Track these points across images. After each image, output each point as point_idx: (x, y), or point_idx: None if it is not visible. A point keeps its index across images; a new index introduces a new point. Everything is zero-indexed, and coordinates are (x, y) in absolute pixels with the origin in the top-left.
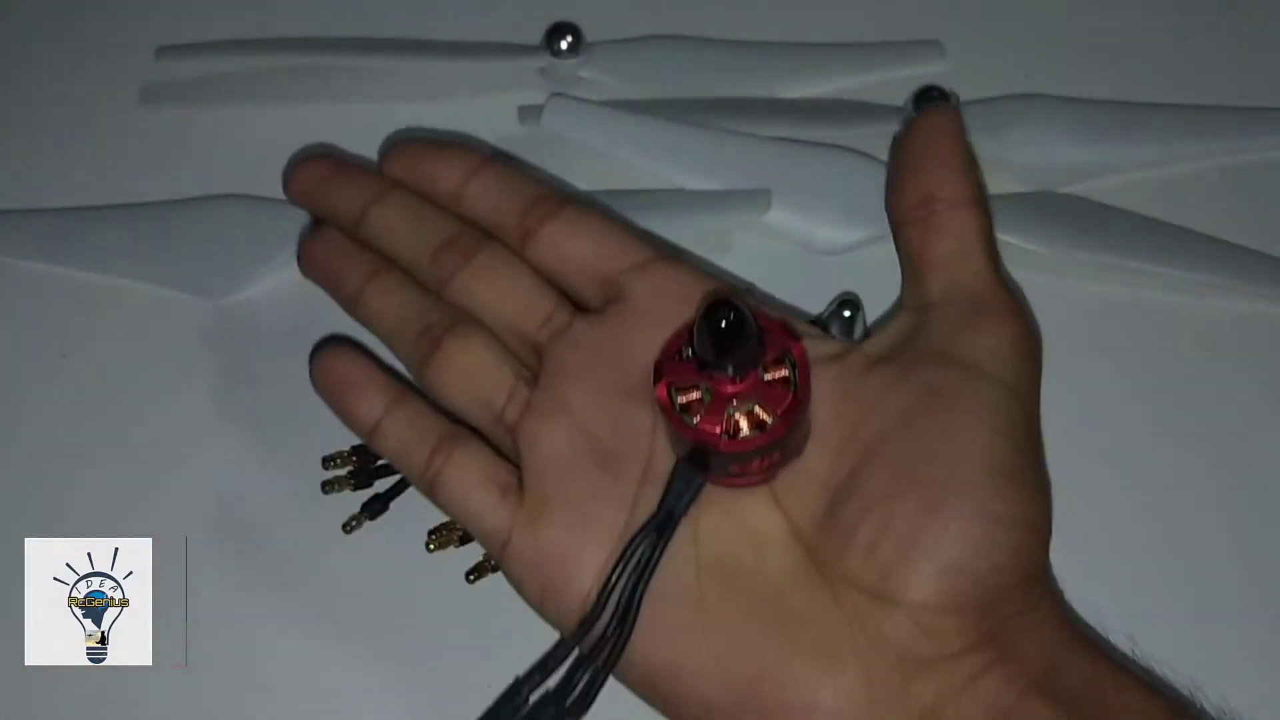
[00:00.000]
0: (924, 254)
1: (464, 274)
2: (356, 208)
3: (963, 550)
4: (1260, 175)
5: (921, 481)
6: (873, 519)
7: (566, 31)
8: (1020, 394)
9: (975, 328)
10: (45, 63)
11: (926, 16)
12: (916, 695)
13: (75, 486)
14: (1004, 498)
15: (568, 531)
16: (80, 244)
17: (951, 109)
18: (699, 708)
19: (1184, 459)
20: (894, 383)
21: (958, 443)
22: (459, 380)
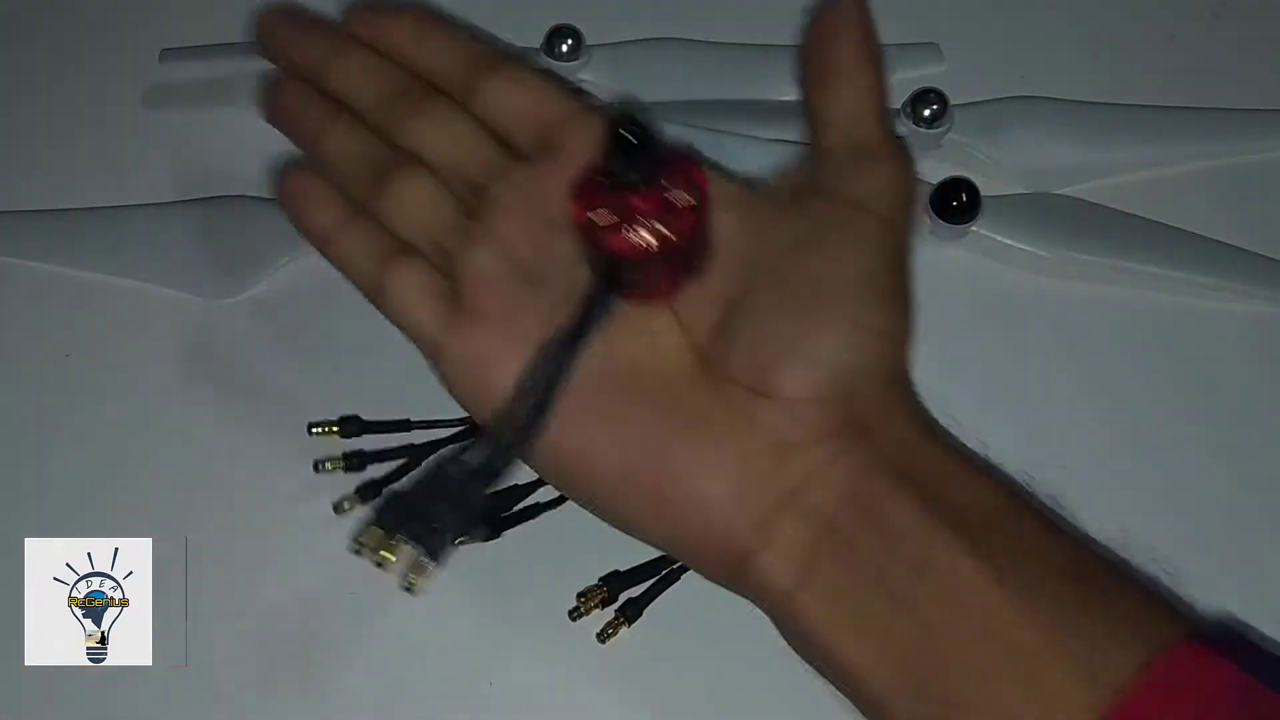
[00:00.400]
0: (824, 114)
1: (413, 121)
2: (319, 60)
3: (831, 350)
4: (1255, 177)
5: (801, 295)
6: (757, 325)
7: (567, 34)
8: (893, 225)
9: (862, 172)
10: (49, 64)
11: (924, 19)
12: (785, 475)
13: (75, 486)
14: (870, 308)
15: (494, 338)
16: (82, 244)
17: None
18: (601, 488)
19: (1183, 459)
20: (789, 216)
21: (835, 263)
22: (405, 211)
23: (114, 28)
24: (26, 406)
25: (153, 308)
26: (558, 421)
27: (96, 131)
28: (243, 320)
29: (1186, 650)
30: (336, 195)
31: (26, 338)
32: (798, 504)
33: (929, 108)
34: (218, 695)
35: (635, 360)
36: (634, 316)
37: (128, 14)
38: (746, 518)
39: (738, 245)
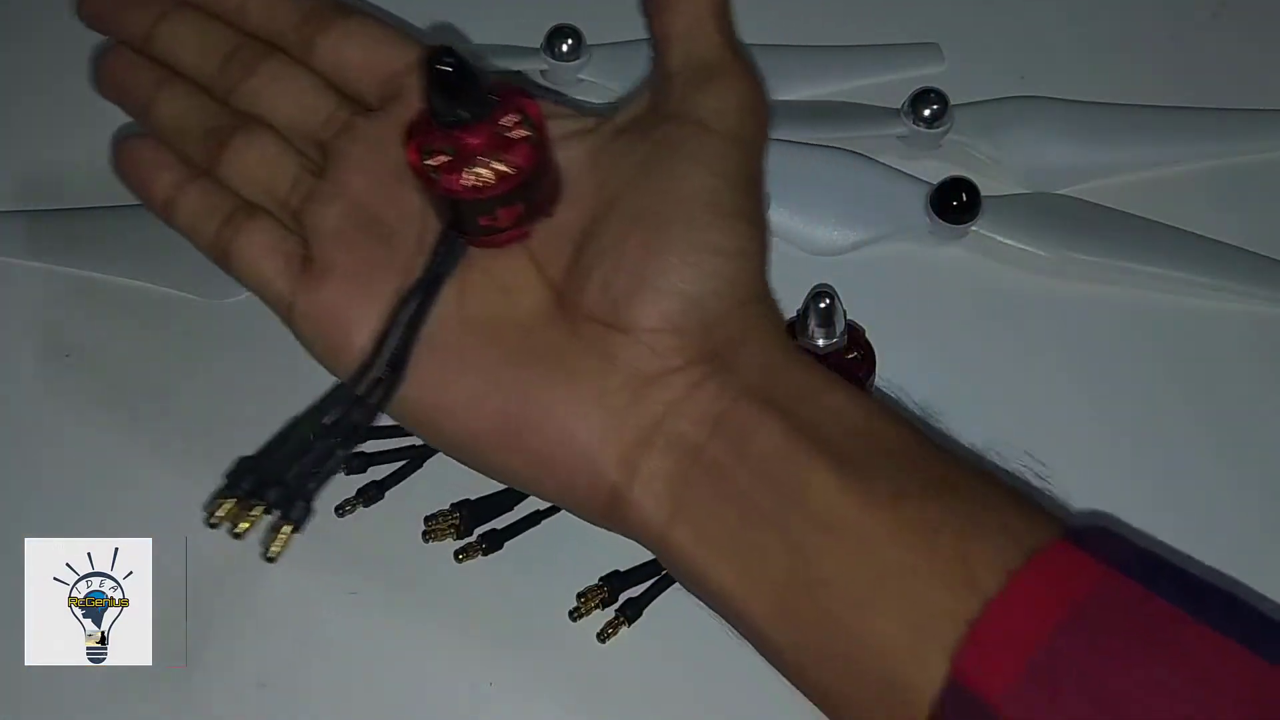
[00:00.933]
0: (663, 30)
1: (249, 81)
2: (145, 26)
3: (681, 278)
4: (1254, 177)
5: (648, 222)
6: (606, 259)
7: (567, 34)
8: (740, 143)
9: (704, 90)
10: (48, 63)
11: (924, 20)
12: (645, 408)
13: (75, 486)
14: (719, 230)
15: (347, 295)
16: (82, 244)
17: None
18: (457, 436)
19: (1183, 459)
20: (634, 143)
21: (680, 186)
22: (247, 173)
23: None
24: (26, 406)
25: (153, 308)
26: (416, 374)
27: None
28: (243, 320)
29: (1056, 552)
30: (174, 160)
31: (26, 338)
32: (660, 436)
33: (929, 108)
34: (218, 695)
35: (490, 306)
36: (487, 261)
37: None
38: (611, 455)
39: (586, 179)
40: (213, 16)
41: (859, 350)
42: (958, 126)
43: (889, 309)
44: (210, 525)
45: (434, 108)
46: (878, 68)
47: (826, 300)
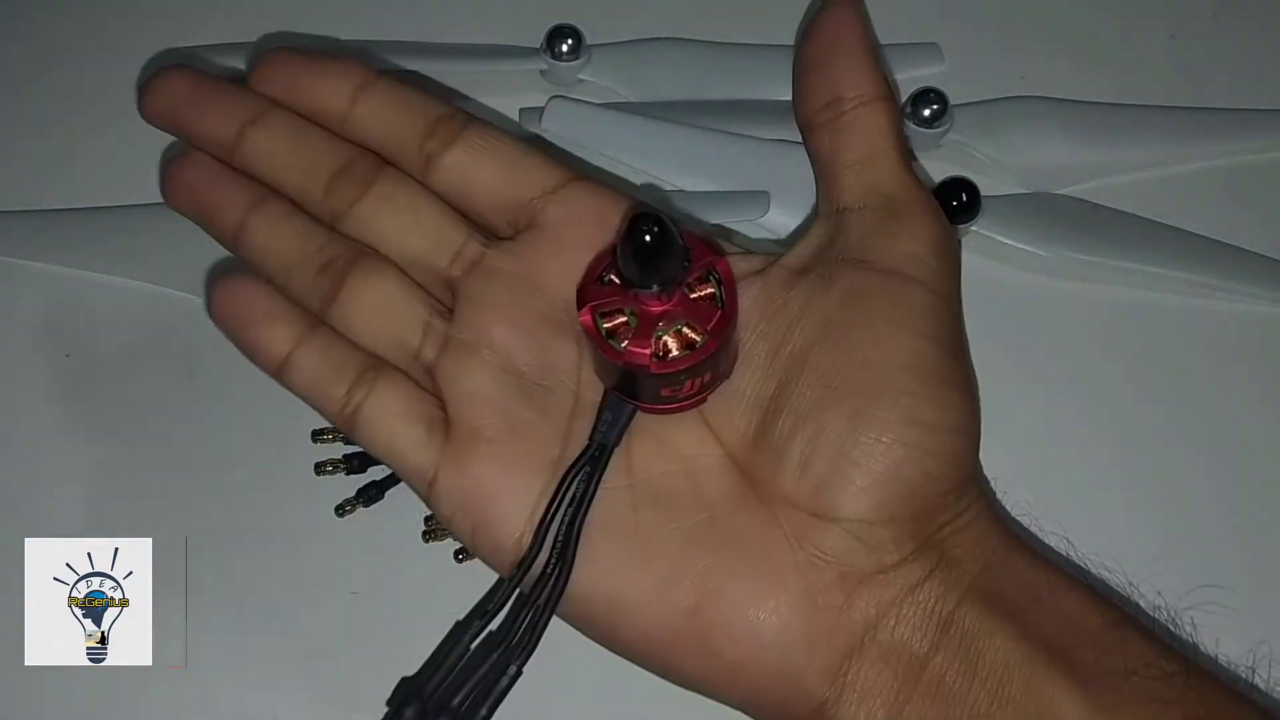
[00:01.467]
0: (835, 158)
1: (362, 205)
2: (230, 131)
3: (894, 460)
4: (1255, 177)
5: (849, 391)
6: (803, 434)
7: (567, 34)
8: (941, 295)
9: (891, 231)
10: (49, 64)
11: (924, 20)
12: (858, 609)
13: (75, 486)
14: (932, 403)
15: (497, 468)
16: (82, 244)
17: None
18: (638, 637)
19: (1182, 459)
20: (816, 292)
21: (882, 349)
22: (369, 319)
23: (114, 28)
24: (26, 406)
25: (152, 307)
26: (586, 563)
27: (96, 131)
28: None
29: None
30: (287, 308)
31: (26, 338)
32: (876, 644)
33: (929, 108)
34: (218, 695)
35: (666, 482)
36: (657, 428)
37: (128, 14)
38: (818, 665)
39: (763, 332)
40: (312, 120)
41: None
42: (958, 126)
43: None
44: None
45: (627, 277)
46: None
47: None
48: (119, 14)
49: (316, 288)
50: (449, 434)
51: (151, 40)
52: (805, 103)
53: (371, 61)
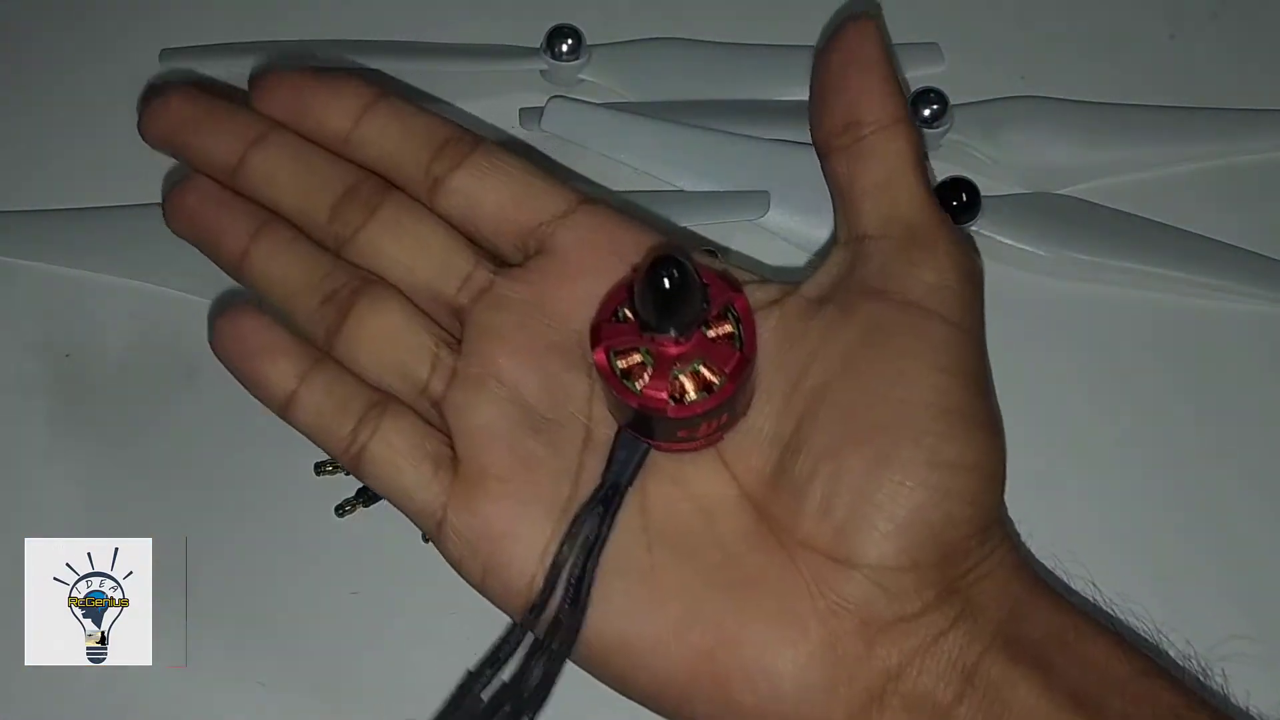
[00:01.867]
0: (854, 183)
1: (368, 230)
2: (232, 153)
3: (917, 504)
4: (1255, 177)
5: (870, 430)
6: (823, 475)
7: (567, 34)
8: (965, 329)
9: (913, 260)
10: (49, 63)
11: (924, 19)
12: (880, 658)
13: (75, 486)
14: (956, 442)
15: (507, 508)
16: (82, 244)
17: (870, 21)
18: (654, 683)
19: (1183, 459)
20: (835, 325)
21: (904, 386)
22: (375, 350)
23: (114, 28)
24: (26, 406)
25: (153, 308)
26: (599, 605)
27: (96, 131)
28: None
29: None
30: (291, 342)
31: (26, 338)
32: (899, 692)
33: (929, 108)
34: (218, 695)
35: (681, 520)
36: (671, 466)
37: (128, 14)
38: (839, 715)
39: (780, 365)
40: (314, 142)
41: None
42: (958, 126)
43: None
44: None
45: (644, 320)
46: None
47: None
48: (119, 14)
49: (321, 318)
50: (457, 471)
51: (151, 40)
52: (822, 125)
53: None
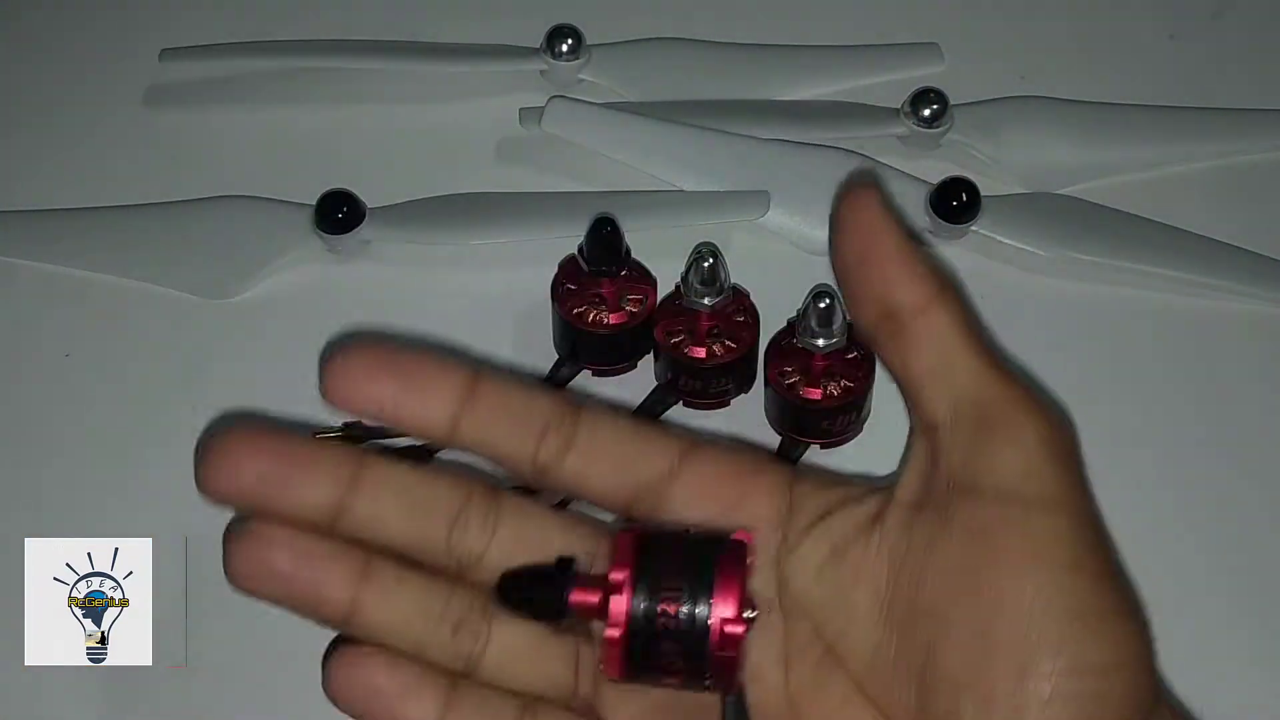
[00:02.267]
0: (908, 373)
1: (492, 552)
2: (324, 503)
3: (1075, 717)
4: (1255, 177)
5: (1004, 646)
6: (971, 704)
7: (567, 34)
8: (1070, 508)
9: (992, 444)
10: (50, 64)
11: (924, 19)
12: None
13: (75, 486)
14: (1098, 642)
15: None
16: (83, 245)
17: (869, 189)
18: None
19: (1183, 458)
20: (936, 534)
21: (1026, 593)
22: (521, 665)
23: (114, 28)
24: (26, 406)
25: (153, 307)
26: None
27: (96, 131)
28: (243, 320)
29: None
30: (421, 675)
31: (26, 338)
32: None
33: (929, 108)
34: (218, 695)
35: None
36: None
37: (128, 14)
38: None
39: (897, 591)
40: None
41: (859, 350)
42: (958, 126)
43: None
44: None
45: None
46: (878, 68)
47: (827, 300)
48: (119, 14)
49: (458, 648)
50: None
51: (151, 40)
52: (859, 317)
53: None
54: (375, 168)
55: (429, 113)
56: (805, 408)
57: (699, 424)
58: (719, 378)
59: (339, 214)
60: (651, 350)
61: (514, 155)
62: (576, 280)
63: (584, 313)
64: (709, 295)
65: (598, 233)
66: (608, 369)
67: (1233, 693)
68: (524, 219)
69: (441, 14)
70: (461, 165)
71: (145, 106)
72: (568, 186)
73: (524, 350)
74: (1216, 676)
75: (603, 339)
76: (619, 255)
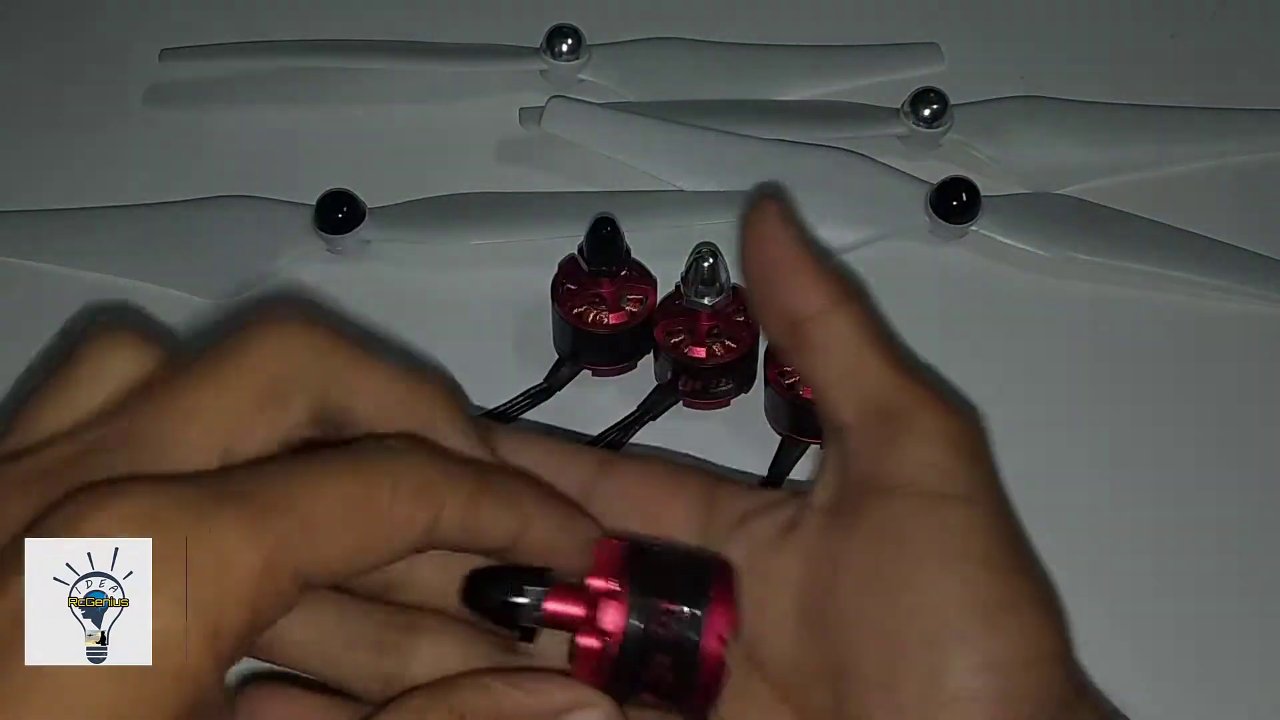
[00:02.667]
0: (816, 379)
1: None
2: None
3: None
4: (1256, 176)
5: (914, 647)
6: (882, 707)
7: (567, 34)
8: (977, 502)
9: (899, 442)
10: (50, 64)
11: (924, 19)
12: None
13: None
14: (1009, 635)
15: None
16: (83, 244)
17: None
18: None
19: (1182, 459)
20: (848, 536)
21: (935, 589)
22: None
23: (114, 28)
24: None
25: (153, 308)
26: None
27: (96, 131)
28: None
29: None
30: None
31: (26, 338)
32: None
33: (929, 108)
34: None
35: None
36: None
37: (128, 14)
38: None
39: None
40: None
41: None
42: (958, 126)
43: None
44: None
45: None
46: (878, 68)
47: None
48: (119, 14)
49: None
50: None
51: (151, 40)
52: (767, 328)
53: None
54: (375, 168)
55: (429, 113)
56: (805, 408)
57: (699, 424)
58: (719, 378)
59: (339, 214)
60: (651, 350)
61: (514, 155)
62: (576, 280)
63: (584, 313)
64: (709, 295)
65: (598, 233)
66: (608, 369)
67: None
68: (524, 219)
69: (441, 14)
70: (461, 165)
71: (145, 106)
72: (568, 186)
73: (524, 350)
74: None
75: (603, 339)
76: (619, 255)
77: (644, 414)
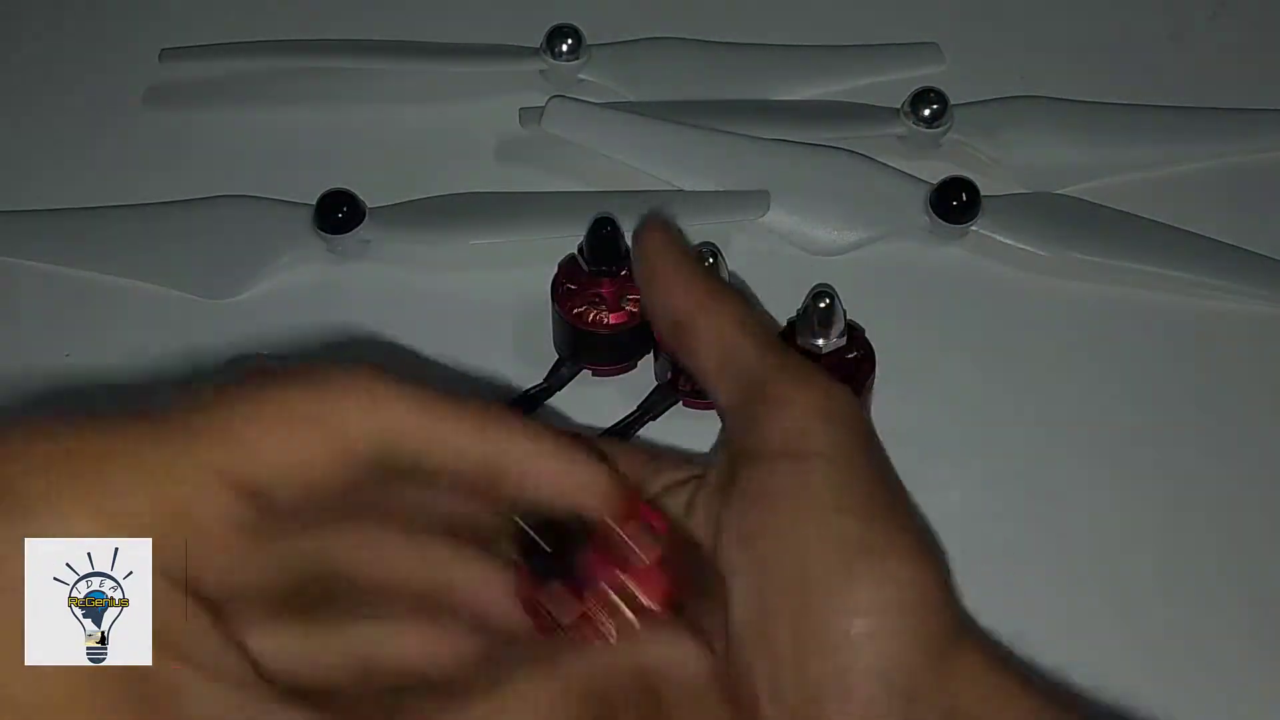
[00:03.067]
0: (700, 369)
1: None
2: None
3: (860, 661)
4: (1255, 176)
5: (778, 594)
6: (762, 664)
7: (567, 34)
8: (841, 459)
9: (770, 413)
10: (50, 64)
11: (924, 19)
12: None
13: None
14: (877, 582)
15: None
16: (83, 244)
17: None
18: None
19: (1182, 459)
20: (726, 503)
21: (793, 538)
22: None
23: (114, 28)
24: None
25: (153, 307)
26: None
27: (96, 131)
28: (243, 320)
29: None
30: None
31: (26, 338)
32: None
33: (929, 108)
34: None
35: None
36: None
37: (128, 14)
38: None
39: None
40: None
41: (859, 350)
42: (958, 126)
43: (889, 309)
44: None
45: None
46: (878, 67)
47: (826, 300)
48: (119, 14)
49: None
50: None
51: (151, 40)
52: (658, 330)
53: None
54: (375, 168)
55: (429, 113)
56: None
57: (699, 424)
58: None
59: (339, 214)
60: (651, 350)
61: (514, 155)
62: (576, 280)
63: (584, 313)
64: None
65: (598, 233)
66: (608, 369)
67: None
68: (524, 219)
69: (441, 14)
70: (461, 165)
71: (145, 106)
72: (568, 186)
73: (524, 350)
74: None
75: (603, 339)
76: (619, 255)
77: (644, 414)
